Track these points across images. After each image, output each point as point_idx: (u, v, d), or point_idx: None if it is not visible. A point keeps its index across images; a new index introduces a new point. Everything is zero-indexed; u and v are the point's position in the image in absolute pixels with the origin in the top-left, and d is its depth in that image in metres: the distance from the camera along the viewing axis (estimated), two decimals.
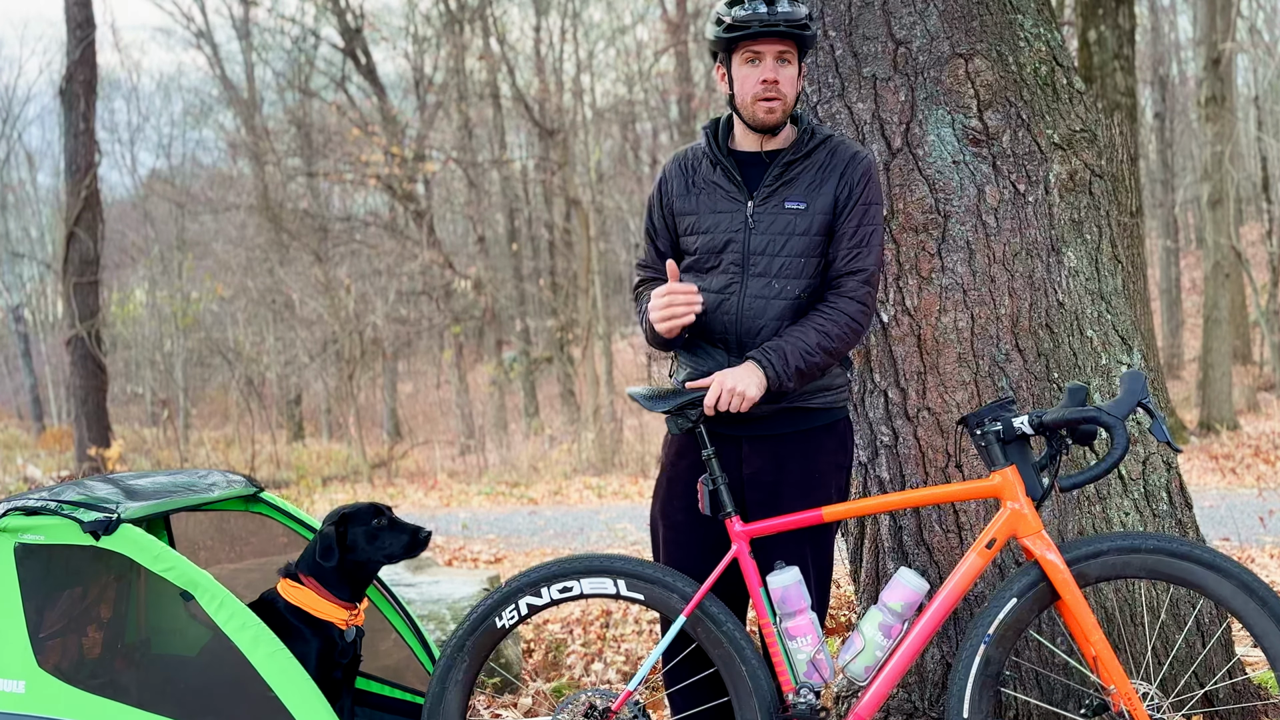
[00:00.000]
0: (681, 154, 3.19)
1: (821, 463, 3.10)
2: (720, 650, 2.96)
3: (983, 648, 2.85)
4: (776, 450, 3.07)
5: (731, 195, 3.05)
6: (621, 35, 30.49)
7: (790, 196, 3.01)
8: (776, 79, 2.95)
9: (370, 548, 3.28)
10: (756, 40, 2.94)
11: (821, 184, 3.01)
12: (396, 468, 19.92)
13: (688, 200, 3.11)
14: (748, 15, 2.90)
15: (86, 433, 16.01)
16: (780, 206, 3.01)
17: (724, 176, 3.07)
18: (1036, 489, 2.87)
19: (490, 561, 8.65)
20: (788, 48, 2.96)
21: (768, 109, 2.97)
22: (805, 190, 3.01)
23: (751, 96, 2.97)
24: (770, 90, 2.95)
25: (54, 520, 3.06)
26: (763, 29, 2.90)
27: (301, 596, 3.23)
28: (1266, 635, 2.76)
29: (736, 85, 3.01)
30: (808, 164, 3.03)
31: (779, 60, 2.96)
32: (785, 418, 3.05)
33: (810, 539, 3.08)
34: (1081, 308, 3.63)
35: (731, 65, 3.01)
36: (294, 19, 29.64)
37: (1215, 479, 11.39)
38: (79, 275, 16.29)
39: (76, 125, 16.39)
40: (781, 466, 3.06)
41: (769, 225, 3.00)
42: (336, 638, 3.24)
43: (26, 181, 39.74)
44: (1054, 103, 3.69)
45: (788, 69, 2.97)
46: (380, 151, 24.07)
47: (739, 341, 3.02)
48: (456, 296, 25.87)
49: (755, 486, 3.06)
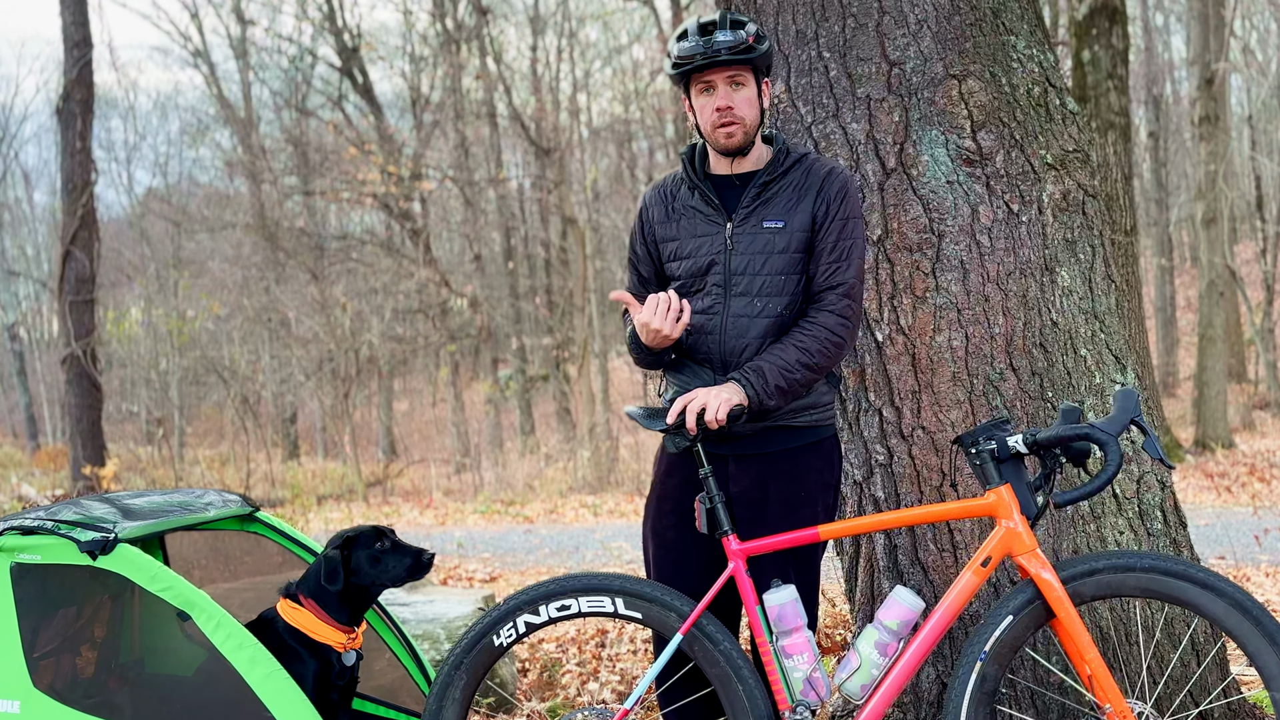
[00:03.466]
0: (660, 183, 3.24)
1: (809, 481, 3.11)
2: (717, 669, 2.95)
3: (979, 665, 2.86)
4: (762, 469, 3.08)
5: (710, 218, 3.09)
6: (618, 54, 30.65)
7: (768, 216, 3.04)
8: (731, 104, 2.99)
9: (373, 571, 3.28)
10: (704, 71, 3.00)
11: (799, 202, 3.04)
12: (392, 486, 19.91)
13: (668, 227, 3.16)
14: (690, 49, 2.96)
15: (81, 451, 15.99)
16: (759, 226, 3.04)
17: (701, 200, 3.11)
18: (1031, 507, 2.88)
19: (485, 580, 8.64)
20: (738, 71, 3.00)
21: (727, 134, 3.02)
22: (783, 209, 3.04)
23: (710, 125, 3.03)
24: (726, 116, 3.00)
25: (51, 540, 3.06)
26: (705, 62, 2.96)
27: (300, 618, 3.23)
28: (1260, 654, 2.76)
29: (698, 115, 3.06)
30: (784, 183, 3.07)
31: (731, 85, 3.00)
32: (771, 436, 3.07)
33: (797, 557, 3.09)
34: (1075, 327, 3.65)
35: (690, 96, 3.07)
36: (291, 38, 29.81)
37: (1210, 497, 11.40)
38: (75, 294, 16.29)
39: (73, 144, 16.41)
40: (767, 485, 3.07)
41: (748, 245, 3.04)
42: (334, 660, 3.24)
43: (23, 200, 39.83)
44: (1047, 123, 3.71)
45: (742, 91, 3.01)
46: (377, 170, 24.11)
47: (724, 361, 3.05)
48: (452, 315, 25.89)
49: (743, 504, 3.07)
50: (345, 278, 25.56)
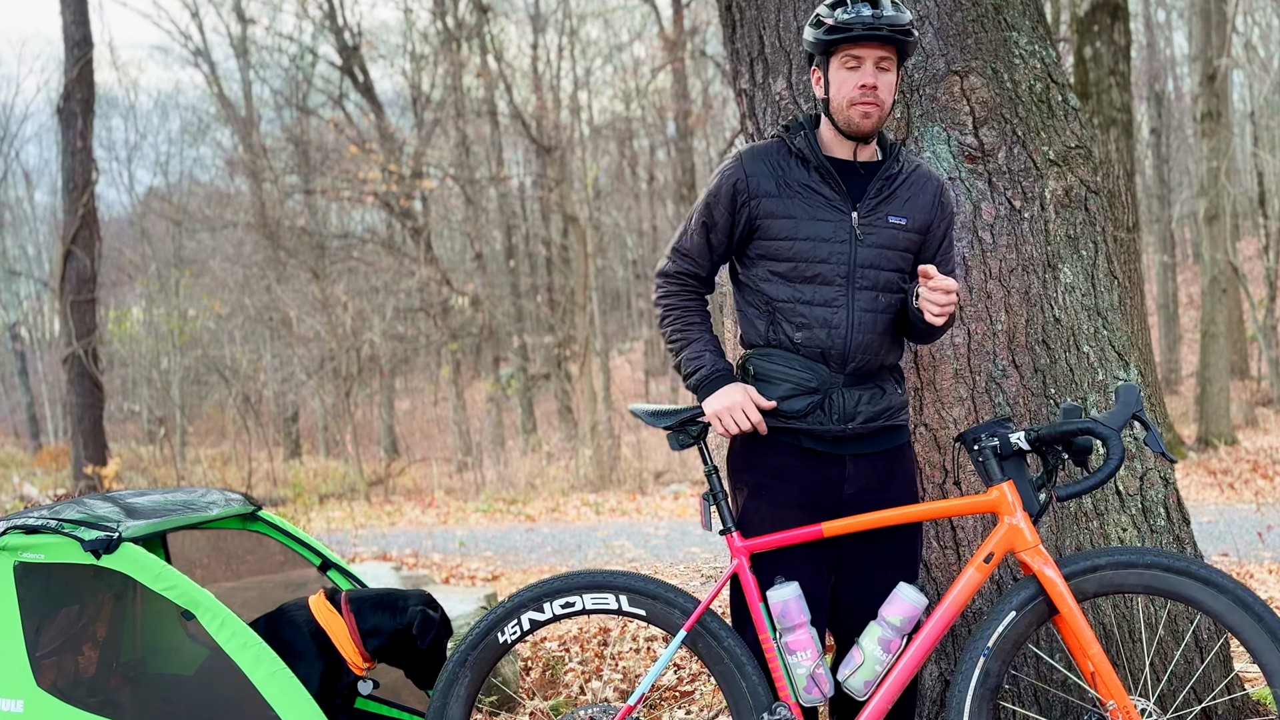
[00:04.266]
0: (762, 150, 3.02)
1: (914, 475, 3.16)
2: (721, 666, 2.96)
3: (982, 660, 2.86)
4: (882, 468, 3.04)
5: (834, 203, 2.94)
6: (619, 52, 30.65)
7: (892, 211, 2.97)
8: (875, 84, 2.87)
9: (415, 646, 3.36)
10: (857, 44, 2.86)
11: (917, 201, 3.00)
12: (394, 485, 19.91)
13: (781, 202, 2.94)
14: (851, 18, 2.83)
15: (83, 451, 15.99)
16: (884, 220, 2.96)
17: (822, 182, 2.95)
18: (1033, 504, 2.88)
19: (488, 579, 8.64)
20: (888, 53, 2.89)
21: (864, 114, 2.89)
22: (903, 206, 2.98)
23: (848, 101, 2.88)
24: (869, 95, 2.87)
25: (54, 539, 3.06)
26: (865, 33, 2.82)
27: (333, 623, 3.25)
28: (1263, 651, 2.76)
29: (833, 89, 2.91)
30: (903, 179, 3.00)
31: (878, 66, 2.88)
32: (884, 435, 3.04)
33: (900, 545, 3.08)
34: (1078, 323, 3.64)
35: (829, 68, 2.92)
36: (292, 37, 29.82)
37: (1213, 494, 11.40)
38: (76, 293, 16.29)
39: (74, 143, 16.41)
40: (888, 483, 3.05)
41: (875, 238, 2.95)
42: (344, 670, 3.26)
43: (24, 199, 39.83)
44: (1049, 119, 3.71)
45: (886, 75, 2.90)
46: (378, 169, 24.10)
47: (843, 356, 2.95)
48: (454, 313, 25.89)
49: (861, 504, 3.00)
50: (346, 276, 25.57)
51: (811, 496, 2.99)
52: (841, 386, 2.96)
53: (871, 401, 2.98)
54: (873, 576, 3.03)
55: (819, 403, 2.94)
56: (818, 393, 2.95)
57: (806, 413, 2.94)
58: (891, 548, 3.04)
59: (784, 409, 2.95)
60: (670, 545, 10.15)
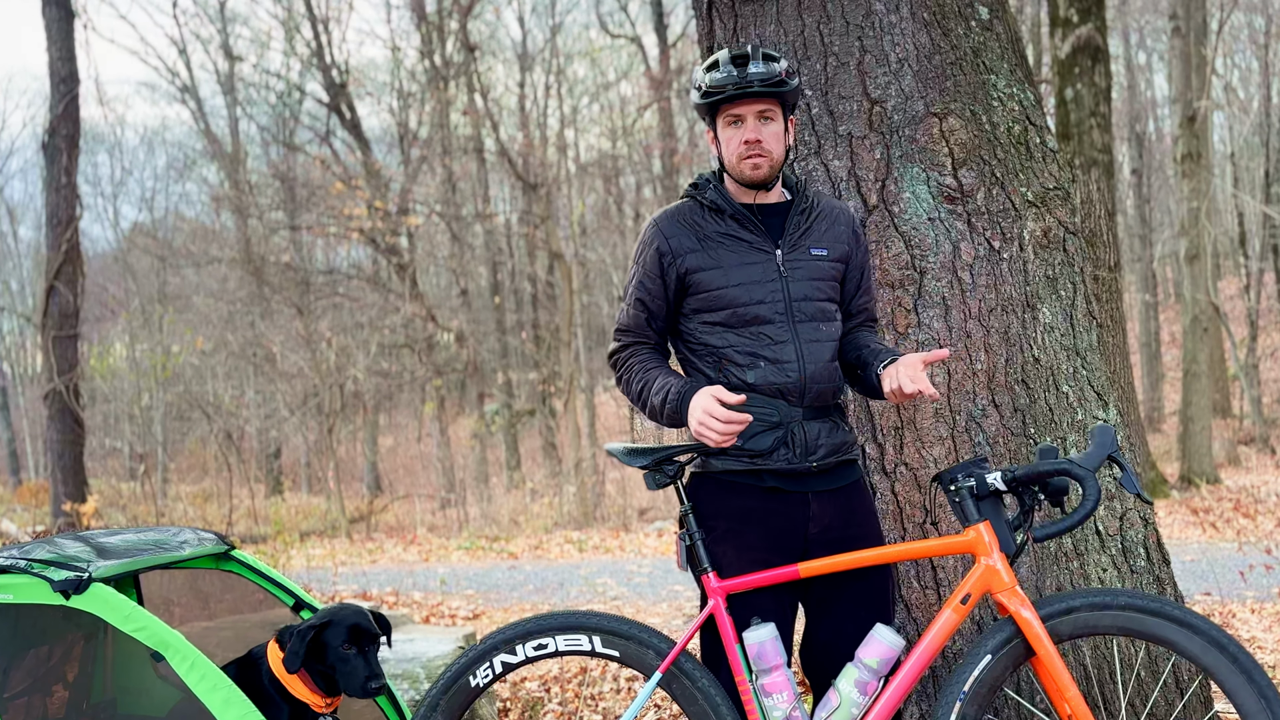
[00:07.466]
0: (674, 211, 3.10)
1: (874, 510, 3.17)
2: (695, 707, 2.93)
3: (958, 705, 2.83)
4: (843, 504, 3.04)
5: (757, 245, 3.01)
6: (605, 91, 30.82)
7: (812, 244, 3.05)
8: (759, 138, 2.97)
9: (334, 665, 3.14)
10: (735, 103, 2.97)
11: (834, 231, 3.09)
12: (376, 522, 19.81)
13: (706, 255, 3.01)
14: (722, 79, 2.93)
15: (63, 487, 15.89)
16: (806, 253, 3.03)
17: (741, 227, 3.03)
18: (1010, 544, 2.87)
19: (468, 618, 8.57)
20: (768, 105, 2.97)
21: (753, 165, 2.98)
22: (822, 237, 3.07)
23: (737, 157, 2.99)
24: (754, 149, 2.97)
25: (23, 579, 3.02)
26: (737, 92, 2.93)
27: (282, 670, 3.18)
28: (1238, 691, 2.75)
29: (723, 147, 3.03)
30: (817, 213, 3.10)
31: (760, 119, 2.97)
32: (841, 471, 3.06)
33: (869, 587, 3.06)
34: (1057, 363, 3.65)
35: (717, 128, 3.04)
36: (279, 74, 29.90)
37: (1196, 533, 11.40)
38: (58, 329, 16.24)
39: (58, 179, 16.41)
40: (849, 520, 3.04)
41: (802, 271, 3.02)
42: (309, 711, 3.20)
43: (7, 234, 39.77)
44: (1027, 161, 3.73)
45: (771, 125, 2.98)
46: (364, 205, 24.15)
47: (801, 389, 2.97)
48: (439, 349, 25.87)
49: (826, 543, 2.99)
50: (331, 312, 25.55)
51: (776, 539, 2.98)
52: (802, 419, 2.98)
53: (830, 435, 3.01)
54: (843, 617, 3.01)
55: (783, 438, 2.96)
56: (781, 427, 2.97)
57: (772, 449, 2.96)
58: (859, 586, 3.02)
59: (750, 447, 2.96)
60: (653, 583, 10.10)
